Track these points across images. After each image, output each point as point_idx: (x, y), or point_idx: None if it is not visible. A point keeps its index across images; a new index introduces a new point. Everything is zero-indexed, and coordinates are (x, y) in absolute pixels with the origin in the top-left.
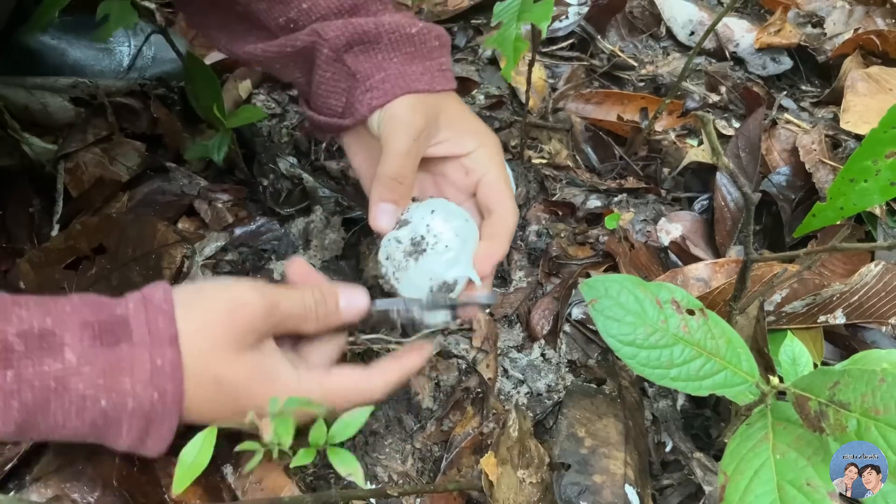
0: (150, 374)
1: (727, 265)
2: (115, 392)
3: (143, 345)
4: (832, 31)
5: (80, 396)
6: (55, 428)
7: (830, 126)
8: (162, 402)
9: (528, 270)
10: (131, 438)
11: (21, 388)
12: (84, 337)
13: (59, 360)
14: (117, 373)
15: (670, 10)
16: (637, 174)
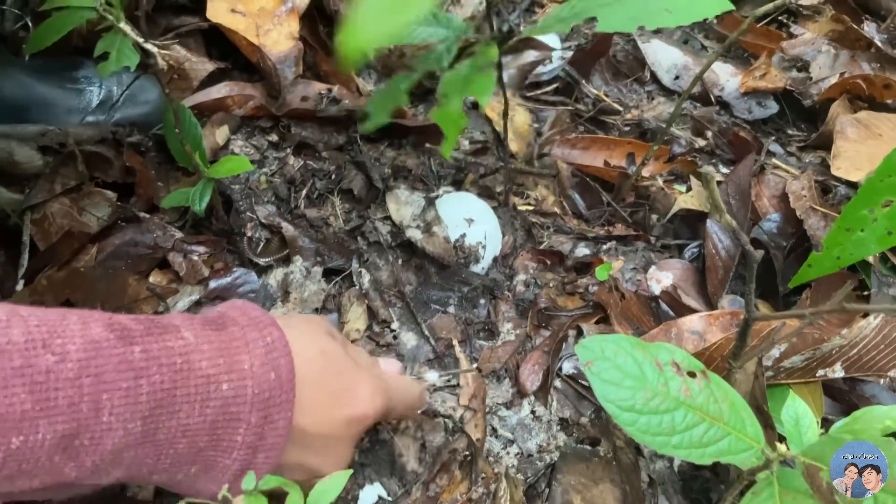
0: (265, 350)
1: (722, 318)
2: (236, 374)
3: (249, 326)
4: (818, 76)
5: (205, 378)
6: (173, 434)
7: (819, 171)
8: (279, 383)
9: (516, 322)
10: (246, 448)
11: (149, 365)
12: (193, 323)
13: (180, 338)
14: (234, 351)
15: (654, 54)
16: (625, 221)
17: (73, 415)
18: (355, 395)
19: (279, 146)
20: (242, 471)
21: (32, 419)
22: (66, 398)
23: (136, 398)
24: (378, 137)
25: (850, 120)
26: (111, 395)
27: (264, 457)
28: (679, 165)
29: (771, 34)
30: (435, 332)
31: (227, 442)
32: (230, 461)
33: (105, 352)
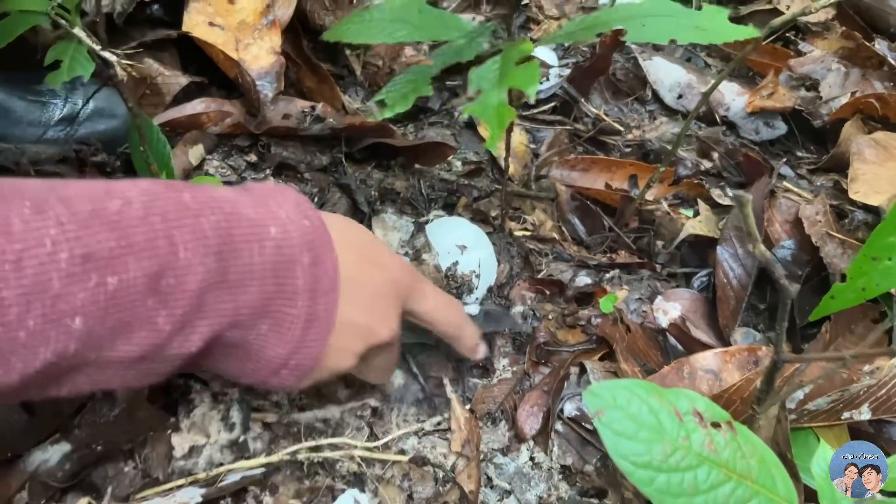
0: (294, 204)
1: (738, 354)
2: (277, 220)
3: (271, 189)
4: (828, 95)
5: (252, 222)
6: (244, 275)
7: (833, 195)
8: (313, 228)
9: (513, 358)
10: (306, 293)
11: (202, 208)
12: (218, 188)
13: (218, 191)
14: (266, 204)
15: (656, 72)
16: (629, 247)
17: (154, 251)
18: (389, 261)
19: (258, 167)
20: (308, 323)
21: (120, 256)
22: (142, 235)
23: (203, 234)
24: (364, 158)
25: (867, 141)
26: (181, 231)
27: (324, 304)
28: (685, 188)
29: (777, 52)
30: (424, 370)
31: (290, 286)
32: (296, 310)
33: (161, 196)
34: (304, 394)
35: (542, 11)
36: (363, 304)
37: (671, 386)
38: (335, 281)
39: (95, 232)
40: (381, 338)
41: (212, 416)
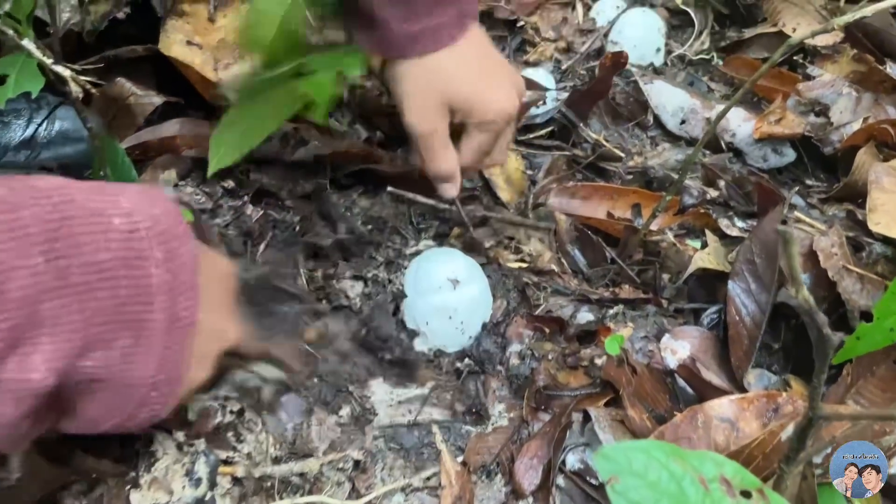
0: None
1: (757, 401)
2: (121, 210)
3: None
4: (839, 121)
5: (92, 211)
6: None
7: (848, 226)
8: (166, 214)
9: (509, 403)
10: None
11: (23, 200)
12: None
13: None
14: (108, 193)
15: (658, 96)
16: (633, 281)
17: None
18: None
19: (236, 193)
20: (170, 325)
21: None
22: None
23: (23, 229)
24: (350, 184)
25: (886, 169)
26: None
27: (185, 302)
28: (691, 218)
29: (783, 76)
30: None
31: (145, 285)
32: (156, 314)
33: None
34: (279, 444)
35: (538, 34)
36: (216, 302)
37: (685, 437)
38: (194, 276)
39: None
40: (232, 341)
41: (175, 470)
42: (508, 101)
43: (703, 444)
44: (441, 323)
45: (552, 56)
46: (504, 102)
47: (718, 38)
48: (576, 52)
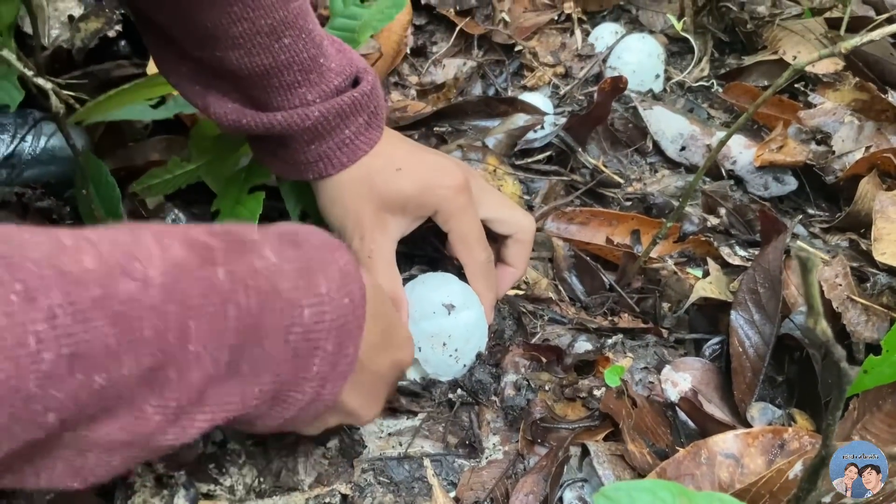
0: (340, 275)
1: (762, 437)
2: (315, 298)
3: (323, 248)
4: (841, 149)
5: (288, 303)
6: (258, 367)
7: (851, 256)
8: (352, 308)
9: (504, 436)
10: (318, 379)
11: (236, 288)
12: (270, 237)
13: (262, 257)
14: (312, 273)
15: (657, 122)
16: (632, 309)
17: (160, 345)
18: (398, 336)
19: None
20: (309, 403)
21: (116, 354)
22: (151, 328)
23: (224, 324)
24: None
25: (892, 198)
26: (198, 321)
27: (331, 388)
28: (691, 246)
29: (784, 104)
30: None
31: (304, 372)
32: (301, 395)
33: (188, 275)
34: (263, 477)
35: (536, 58)
36: (363, 390)
37: (688, 473)
38: (351, 367)
39: (93, 327)
40: (361, 421)
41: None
42: (452, 176)
43: (707, 481)
44: (434, 350)
45: (550, 81)
46: (449, 177)
47: (718, 65)
48: (574, 77)
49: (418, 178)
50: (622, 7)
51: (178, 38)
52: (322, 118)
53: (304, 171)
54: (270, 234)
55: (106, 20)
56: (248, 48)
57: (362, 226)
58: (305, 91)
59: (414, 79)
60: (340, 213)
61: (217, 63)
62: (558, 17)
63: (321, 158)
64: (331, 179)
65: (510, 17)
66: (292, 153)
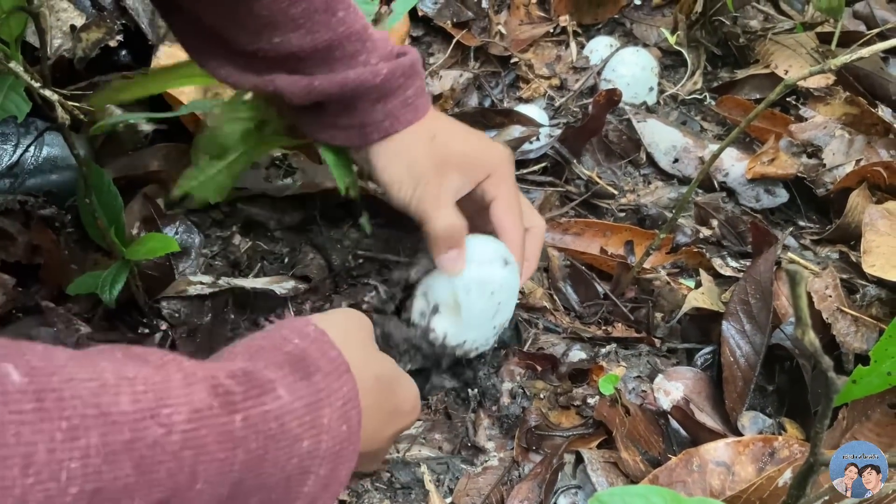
0: (342, 403)
1: (752, 445)
2: (316, 429)
3: (332, 374)
4: (831, 162)
5: (292, 438)
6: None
7: (841, 268)
8: (348, 434)
9: (499, 443)
10: (312, 493)
11: (248, 434)
12: (285, 374)
13: (276, 399)
14: (318, 406)
15: (651, 135)
16: (626, 318)
17: (170, 484)
18: (402, 411)
19: (223, 224)
20: None
21: (131, 491)
22: (166, 470)
23: (231, 467)
24: (341, 216)
25: (881, 211)
26: (208, 465)
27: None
28: (684, 257)
29: (776, 117)
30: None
31: (295, 493)
32: None
33: (208, 422)
34: None
35: (531, 70)
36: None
37: (679, 480)
38: (341, 487)
39: (119, 468)
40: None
41: None
42: (501, 148)
43: (698, 488)
44: (481, 297)
45: (545, 93)
46: (499, 148)
47: (711, 79)
48: (569, 89)
49: (474, 142)
50: (616, 20)
51: (230, 36)
52: (390, 75)
53: (370, 133)
54: (284, 364)
55: (107, 30)
56: (309, 27)
57: (426, 175)
58: (367, 57)
59: None
60: (401, 167)
61: (275, 50)
62: (554, 30)
63: (387, 117)
64: (392, 139)
65: (506, 29)
66: (359, 115)
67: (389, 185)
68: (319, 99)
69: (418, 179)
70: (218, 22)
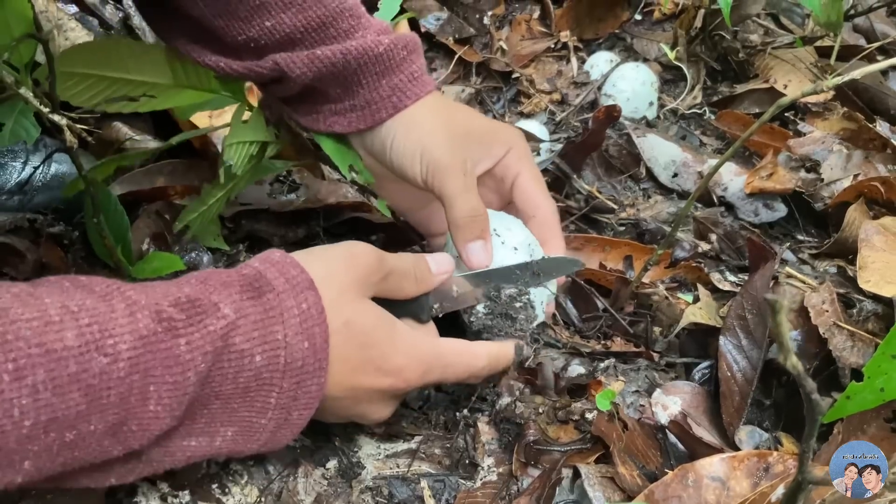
0: (300, 320)
1: (747, 460)
2: (269, 344)
3: (286, 292)
4: (829, 177)
5: (239, 353)
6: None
7: (839, 282)
8: (312, 351)
9: (498, 457)
10: (279, 408)
11: (195, 357)
12: (231, 293)
13: (220, 317)
14: (269, 322)
15: (650, 150)
16: (625, 331)
17: (123, 406)
18: (380, 369)
19: (228, 240)
20: (277, 428)
21: (86, 416)
22: (117, 395)
23: (184, 390)
24: (344, 232)
25: (876, 227)
26: (158, 387)
27: (297, 415)
28: (682, 271)
29: (775, 132)
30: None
31: (261, 404)
32: (265, 421)
33: (153, 347)
34: (265, 497)
35: (532, 85)
36: (349, 404)
37: (675, 496)
38: (315, 398)
39: (69, 398)
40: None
41: None
42: (513, 126)
43: (694, 503)
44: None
45: (546, 108)
46: (512, 126)
47: (711, 93)
48: (570, 104)
49: (488, 119)
50: (617, 35)
51: (220, 27)
52: (392, 46)
53: (377, 111)
54: (234, 284)
55: None
56: (300, 4)
57: (445, 149)
58: (364, 32)
59: None
60: (415, 143)
61: (269, 35)
62: (555, 45)
63: (394, 92)
64: (403, 115)
65: (508, 45)
66: (364, 93)
67: (404, 165)
68: (322, 71)
69: (437, 154)
70: (207, 13)
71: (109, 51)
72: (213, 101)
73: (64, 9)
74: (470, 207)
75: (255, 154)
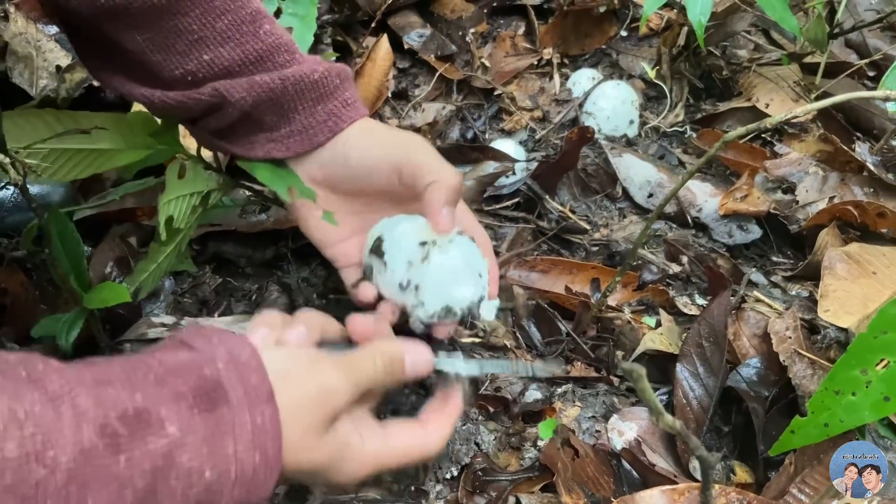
0: (252, 434)
1: (689, 493)
2: (219, 459)
3: (241, 405)
4: (805, 199)
5: (187, 471)
6: None
7: (807, 307)
8: (264, 462)
9: (445, 484)
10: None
11: (133, 474)
12: (181, 408)
13: (163, 436)
14: (219, 437)
15: (626, 169)
16: (587, 356)
17: None
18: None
19: (195, 261)
20: None
21: None
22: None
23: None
24: (312, 252)
25: (840, 255)
26: (96, 500)
27: None
28: (650, 294)
29: (755, 151)
30: None
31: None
32: None
33: (93, 461)
34: None
35: (514, 102)
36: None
37: None
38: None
39: None
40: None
41: None
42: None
43: None
44: None
45: (527, 125)
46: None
47: (694, 111)
48: (551, 121)
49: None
50: (603, 51)
51: (157, 62)
52: (326, 74)
53: (315, 134)
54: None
55: None
56: (238, 39)
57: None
58: (298, 66)
59: (394, 122)
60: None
61: (206, 69)
62: (538, 62)
63: (330, 117)
64: (345, 134)
65: (490, 61)
66: (300, 119)
67: (372, 158)
68: (261, 96)
69: (405, 140)
70: (145, 47)
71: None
72: (151, 156)
73: (43, 30)
74: (456, 173)
75: (199, 203)
